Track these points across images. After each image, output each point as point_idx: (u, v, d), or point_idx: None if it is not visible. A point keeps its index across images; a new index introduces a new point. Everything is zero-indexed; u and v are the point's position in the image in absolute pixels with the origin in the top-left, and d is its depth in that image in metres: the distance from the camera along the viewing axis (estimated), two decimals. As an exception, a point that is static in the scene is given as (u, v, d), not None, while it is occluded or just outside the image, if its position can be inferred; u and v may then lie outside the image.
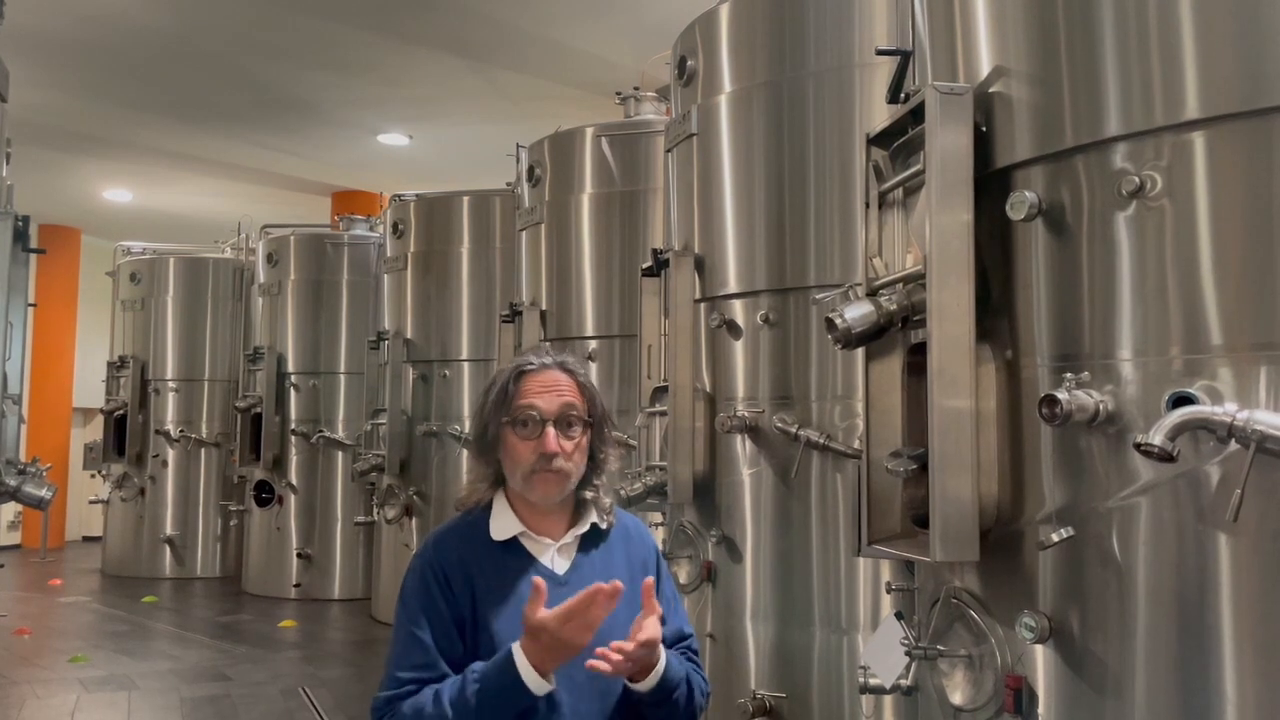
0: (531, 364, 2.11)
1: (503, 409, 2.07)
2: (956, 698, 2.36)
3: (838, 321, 2.49)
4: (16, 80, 4.68)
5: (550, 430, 2.03)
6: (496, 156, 8.57)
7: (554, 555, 2.09)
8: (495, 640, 1.98)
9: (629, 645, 1.88)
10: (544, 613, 1.85)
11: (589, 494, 2.13)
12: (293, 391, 10.58)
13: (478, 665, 1.93)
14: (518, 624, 1.94)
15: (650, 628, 1.92)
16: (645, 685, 1.99)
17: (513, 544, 2.07)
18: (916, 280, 2.42)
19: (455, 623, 2.00)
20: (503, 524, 2.08)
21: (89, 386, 14.53)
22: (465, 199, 9.00)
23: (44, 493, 4.80)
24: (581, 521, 2.13)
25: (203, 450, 11.85)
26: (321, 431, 10.42)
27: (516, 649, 1.89)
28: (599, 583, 1.86)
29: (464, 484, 2.20)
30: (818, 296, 3.87)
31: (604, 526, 2.15)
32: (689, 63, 4.58)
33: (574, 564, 2.10)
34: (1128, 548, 1.99)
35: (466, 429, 8.59)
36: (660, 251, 4.70)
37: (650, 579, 1.98)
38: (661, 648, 2.01)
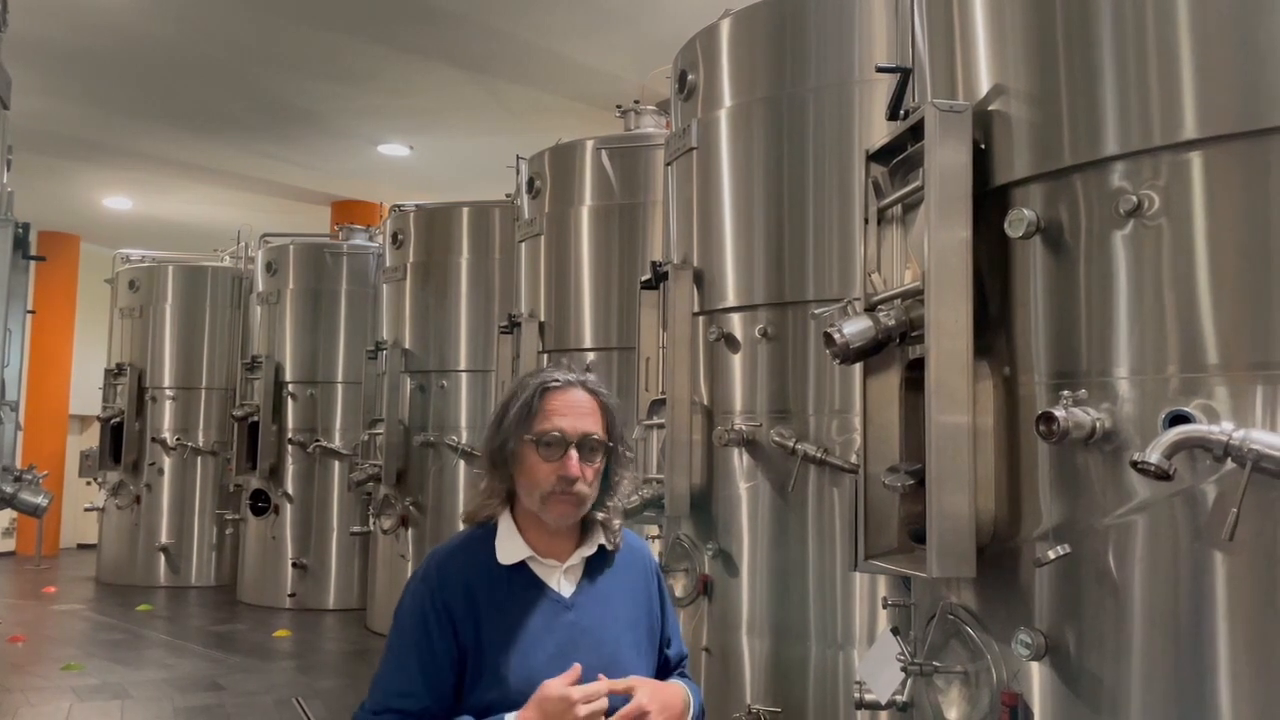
0: (557, 381, 2.06)
1: (525, 425, 2.02)
2: (952, 714, 2.36)
3: (836, 336, 2.50)
4: (18, 87, 4.69)
5: (573, 453, 1.99)
6: (496, 168, 8.59)
7: (560, 578, 2.06)
8: (497, 668, 1.96)
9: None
10: (566, 689, 1.85)
11: (600, 515, 2.10)
12: (290, 400, 10.56)
13: None
14: (520, 653, 1.95)
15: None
16: None
17: (519, 567, 2.04)
18: (915, 296, 2.43)
19: (450, 658, 1.97)
20: (510, 548, 2.04)
21: (86, 394, 14.47)
22: (465, 210, 9.01)
23: (40, 500, 4.77)
24: (589, 543, 2.10)
25: (199, 458, 11.82)
26: (318, 441, 10.39)
27: None
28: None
29: (473, 496, 2.14)
30: (816, 311, 3.86)
31: (610, 549, 2.12)
32: (689, 77, 4.60)
33: (580, 587, 2.07)
34: (1124, 565, 1.99)
35: (464, 440, 8.60)
36: (659, 264, 4.70)
37: (639, 680, 1.97)
38: (683, 687, 2.06)
